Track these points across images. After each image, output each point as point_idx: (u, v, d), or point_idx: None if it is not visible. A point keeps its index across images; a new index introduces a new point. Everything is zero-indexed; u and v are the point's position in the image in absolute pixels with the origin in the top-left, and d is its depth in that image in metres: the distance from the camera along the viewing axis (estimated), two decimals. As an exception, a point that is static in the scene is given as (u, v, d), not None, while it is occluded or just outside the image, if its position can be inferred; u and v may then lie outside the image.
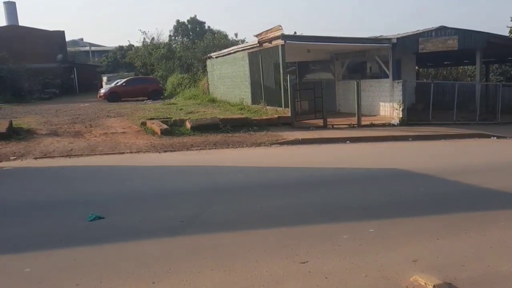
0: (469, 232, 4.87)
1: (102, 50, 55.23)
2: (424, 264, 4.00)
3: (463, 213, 5.60)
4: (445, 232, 4.82)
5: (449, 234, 4.79)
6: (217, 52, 24.49)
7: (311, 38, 16.12)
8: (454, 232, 4.85)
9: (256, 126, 13.62)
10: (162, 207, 5.72)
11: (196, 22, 36.50)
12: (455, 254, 4.23)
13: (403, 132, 13.46)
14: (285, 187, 7.15)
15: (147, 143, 11.44)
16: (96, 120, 15.86)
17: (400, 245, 4.50)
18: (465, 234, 4.81)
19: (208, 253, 4.39)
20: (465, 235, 4.78)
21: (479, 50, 16.49)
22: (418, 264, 3.99)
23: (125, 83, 29.46)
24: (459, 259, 4.10)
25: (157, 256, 4.35)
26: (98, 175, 8.49)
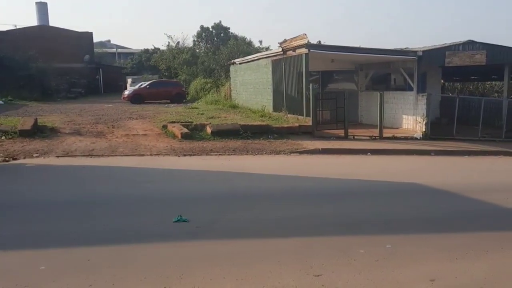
0: (490, 253, 4.72)
1: (128, 52, 56.20)
2: (441, 284, 3.89)
3: (484, 232, 5.44)
4: (464, 252, 4.69)
5: (469, 254, 4.66)
6: (241, 59, 24.62)
7: (335, 48, 16.02)
8: (474, 252, 4.71)
9: (276, 134, 13.59)
10: (178, 211, 5.73)
11: (221, 28, 36.75)
12: (474, 275, 4.10)
13: (426, 146, 13.22)
14: (303, 197, 7.09)
15: (167, 146, 11.54)
16: (118, 121, 16.10)
17: (417, 263, 4.40)
18: (485, 255, 4.66)
19: (221, 260, 4.37)
20: (485, 256, 4.63)
21: (507, 65, 16.12)
22: (435, 284, 3.88)
23: (149, 85, 29.86)
24: (477, 281, 3.98)
25: (170, 260, 4.36)
26: (117, 176, 8.59)
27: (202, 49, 36.24)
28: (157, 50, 43.23)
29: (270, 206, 6.46)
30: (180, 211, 5.76)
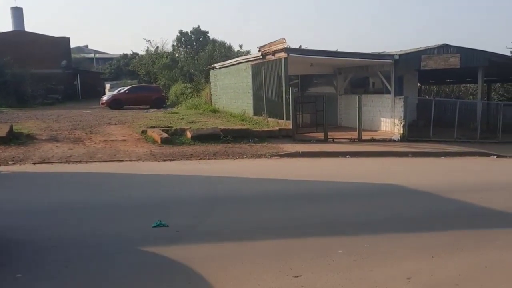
0: (465, 250, 4.84)
1: (106, 57, 55.59)
2: (418, 281, 3.97)
3: (459, 231, 5.57)
4: (440, 250, 4.79)
5: (444, 252, 4.76)
6: (221, 63, 24.63)
7: (314, 52, 16.21)
8: (450, 250, 4.82)
9: (257, 138, 13.63)
10: (158, 217, 5.69)
11: (200, 32, 36.67)
12: (450, 273, 4.20)
13: (403, 148, 13.46)
14: (283, 199, 7.13)
15: (146, 152, 11.45)
16: (96, 127, 15.90)
17: (395, 262, 4.47)
18: (460, 252, 4.78)
19: (201, 264, 4.36)
20: (460, 253, 4.75)
21: (481, 68, 16.56)
22: (412, 282, 3.96)
23: (128, 90, 29.59)
24: (453, 278, 4.07)
25: (150, 266, 4.33)
26: (95, 182, 8.48)
27: (181, 54, 36.07)
28: (136, 55, 42.86)
29: (251, 209, 6.47)
30: (160, 216, 5.73)
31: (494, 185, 8.80)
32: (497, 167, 11.98)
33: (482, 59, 16.16)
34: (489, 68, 16.64)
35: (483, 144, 15.32)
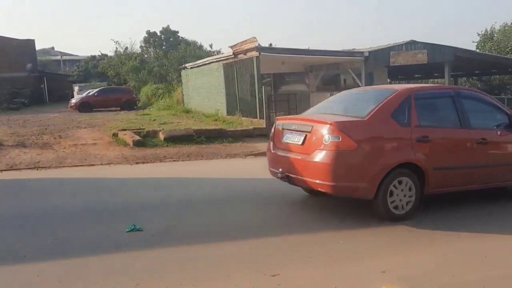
0: (437, 242, 4.95)
1: (74, 59, 54.28)
2: (392, 275, 4.04)
3: (432, 224, 5.68)
4: (413, 243, 4.90)
5: (417, 245, 4.87)
6: (192, 63, 24.46)
7: (285, 50, 16.31)
8: (423, 243, 4.93)
9: (231, 137, 13.59)
10: (132, 221, 5.60)
11: (170, 32, 36.29)
12: (423, 265, 4.29)
13: (375, 143, 13.67)
14: (259, 198, 7.12)
15: (118, 155, 11.25)
16: (65, 131, 15.52)
17: (369, 256, 4.54)
18: (432, 244, 4.89)
19: (178, 267, 4.32)
20: (432, 245, 4.86)
21: (447, 63, 17.04)
22: (386, 275, 4.03)
23: (97, 93, 29.01)
24: (426, 270, 4.17)
25: (124, 271, 4.25)
26: (66, 187, 8.27)
27: (151, 55, 35.62)
28: (104, 56, 42.09)
29: (226, 210, 6.44)
30: (134, 220, 5.63)
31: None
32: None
33: (448, 54, 16.63)
34: (455, 63, 17.12)
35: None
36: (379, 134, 5.54)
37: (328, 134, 5.35)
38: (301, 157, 5.70)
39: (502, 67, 21.41)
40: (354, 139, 5.29)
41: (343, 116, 5.86)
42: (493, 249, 4.73)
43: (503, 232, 5.32)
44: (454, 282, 3.90)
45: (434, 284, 3.85)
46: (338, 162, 5.29)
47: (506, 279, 3.95)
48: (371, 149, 5.42)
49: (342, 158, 5.28)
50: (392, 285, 3.74)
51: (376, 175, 5.33)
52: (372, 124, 5.51)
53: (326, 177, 5.37)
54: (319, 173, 5.43)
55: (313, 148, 5.52)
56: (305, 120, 6.10)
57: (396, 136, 5.56)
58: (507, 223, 5.75)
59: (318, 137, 5.50)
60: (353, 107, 6.35)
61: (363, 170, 5.35)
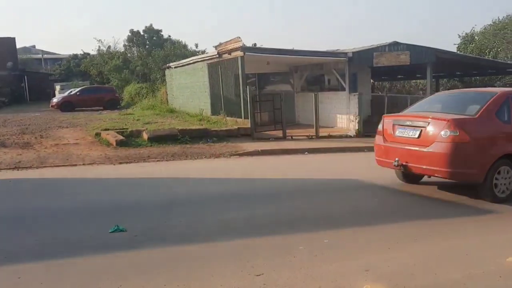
0: (419, 240, 5.02)
1: (56, 57, 53.43)
2: (375, 273, 4.08)
3: (413, 222, 5.78)
4: (396, 242, 4.96)
5: (400, 243, 4.93)
6: (176, 62, 24.31)
7: (270, 50, 16.31)
8: (405, 241, 4.99)
9: (215, 137, 13.56)
10: (115, 221, 5.54)
11: (153, 31, 35.96)
12: (405, 263, 4.34)
13: (359, 143, 13.80)
14: (244, 198, 7.13)
15: (101, 155, 11.11)
16: (47, 130, 15.28)
17: (353, 255, 4.58)
18: (414, 243, 4.96)
19: (162, 267, 4.28)
20: (414, 244, 4.93)
21: (429, 65, 17.24)
22: (370, 274, 4.06)
23: (80, 92, 28.63)
24: (408, 268, 4.22)
25: (107, 272, 4.20)
26: (48, 188, 8.15)
27: (134, 54, 35.27)
28: (87, 55, 41.53)
29: (211, 210, 6.43)
30: (117, 221, 5.58)
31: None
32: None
33: (430, 56, 16.84)
34: (437, 64, 17.36)
35: (433, 137, 15.96)
36: (487, 130, 6.62)
37: (446, 129, 6.40)
38: (418, 149, 6.74)
39: (482, 68, 21.81)
40: (468, 133, 6.37)
41: (452, 114, 6.76)
42: (474, 246, 4.82)
43: (482, 230, 5.42)
44: (437, 280, 3.96)
45: (417, 283, 3.90)
46: (455, 153, 6.33)
47: (487, 277, 4.03)
48: (481, 142, 6.49)
49: (458, 149, 6.33)
50: (375, 284, 3.78)
51: (485, 163, 6.43)
52: (481, 121, 6.57)
53: (444, 165, 6.43)
54: (437, 162, 6.49)
55: (430, 141, 6.58)
56: (420, 117, 7.02)
57: (500, 131, 6.65)
58: (486, 221, 5.86)
59: (435, 132, 6.55)
60: (455, 107, 7.34)
61: (474, 159, 6.42)
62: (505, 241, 5.01)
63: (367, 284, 3.78)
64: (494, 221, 5.87)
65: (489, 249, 4.74)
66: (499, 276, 4.02)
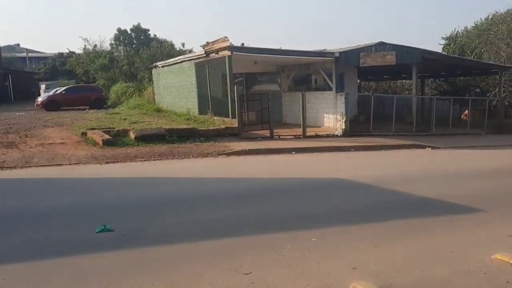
0: (405, 239, 5.09)
1: (41, 56, 52.65)
2: (363, 271, 4.12)
3: (400, 220, 5.85)
4: (383, 240, 5.01)
5: (386, 241, 4.98)
6: (163, 62, 24.18)
7: (257, 50, 16.32)
8: (391, 239, 5.05)
9: (203, 137, 13.53)
10: (102, 221, 5.49)
11: (140, 30, 35.67)
12: (392, 261, 4.40)
13: (346, 143, 13.91)
14: (231, 198, 7.13)
15: (87, 154, 11.01)
16: (32, 130, 15.07)
17: (341, 253, 4.62)
18: (401, 241, 5.02)
19: (149, 267, 4.27)
20: (401, 242, 4.99)
21: (415, 65, 17.44)
22: (357, 271, 4.10)
23: (65, 91, 28.27)
24: (395, 265, 4.27)
25: (94, 272, 4.17)
26: (33, 188, 8.04)
27: (121, 53, 34.95)
28: (72, 53, 41.03)
29: (198, 210, 6.42)
30: (104, 221, 5.53)
31: (430, 175, 9.32)
32: (432, 158, 12.69)
33: (416, 56, 17.04)
34: (422, 64, 17.57)
35: (419, 136, 16.20)
36: None
37: None
38: None
39: (465, 68, 22.13)
40: None
41: None
42: (459, 244, 4.89)
43: (467, 227, 5.52)
44: (423, 278, 4.02)
45: (404, 280, 3.95)
46: None
47: (472, 274, 4.10)
48: None
49: None
50: (363, 281, 3.82)
51: None
52: None
53: None
54: None
55: None
56: None
57: None
58: (470, 219, 5.96)
59: None
60: None
61: None
62: (489, 239, 5.10)
63: (355, 282, 3.82)
64: (479, 219, 5.97)
65: (474, 247, 4.82)
66: (484, 273, 4.09)
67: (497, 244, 4.82)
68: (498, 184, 8.39)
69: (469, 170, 10.13)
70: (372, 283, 3.77)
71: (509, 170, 10.16)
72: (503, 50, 24.75)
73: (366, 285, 3.72)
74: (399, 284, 3.86)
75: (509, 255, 4.38)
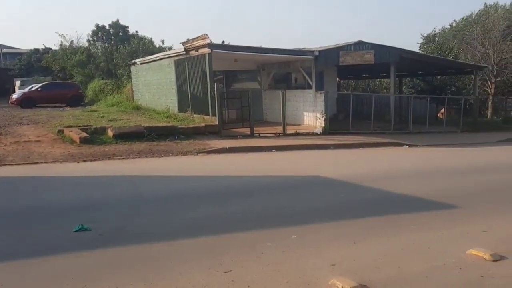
0: (383, 235, 5.16)
1: (15, 52, 51.29)
2: (342, 267, 4.16)
3: (378, 217, 5.92)
4: (361, 237, 5.07)
5: (365, 238, 5.04)
6: (142, 59, 23.89)
7: (237, 47, 16.27)
8: (370, 236, 5.11)
9: (182, 135, 13.43)
10: (79, 221, 5.40)
11: (119, 27, 35.13)
12: (370, 257, 4.45)
13: (325, 141, 14.02)
14: (211, 196, 7.11)
15: (64, 152, 10.80)
16: (6, 127, 14.70)
17: (320, 250, 4.65)
18: (379, 237, 5.09)
19: (128, 267, 4.21)
20: (379, 238, 5.05)
21: (393, 64, 17.69)
22: (336, 268, 4.14)
23: (41, 88, 27.64)
24: (373, 262, 4.33)
25: (71, 272, 4.10)
26: (7, 187, 7.84)
27: (98, 49, 34.33)
28: (48, 50, 40.12)
29: (178, 208, 6.37)
30: (82, 220, 5.44)
31: (407, 172, 9.48)
32: (409, 155, 12.91)
33: (394, 55, 17.28)
34: (400, 63, 17.83)
35: (397, 134, 16.44)
36: None
37: None
38: None
39: (442, 68, 22.56)
40: None
41: None
42: (435, 240, 4.98)
43: (443, 224, 5.62)
44: (401, 273, 4.08)
45: (382, 276, 4.01)
46: None
47: (447, 269, 4.18)
48: None
49: None
50: (342, 278, 3.85)
51: None
52: None
53: None
54: None
55: None
56: None
57: None
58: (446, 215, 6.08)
59: None
60: None
61: None
62: (464, 235, 5.22)
63: (334, 279, 3.85)
64: (454, 215, 6.09)
65: (450, 243, 4.92)
66: (459, 268, 4.18)
67: (472, 240, 4.93)
68: (473, 181, 8.59)
69: (445, 167, 10.34)
70: (351, 280, 3.81)
71: (485, 167, 10.41)
72: (478, 50, 25.33)
73: (345, 282, 3.75)
74: (377, 280, 3.90)
75: (483, 250, 4.49)
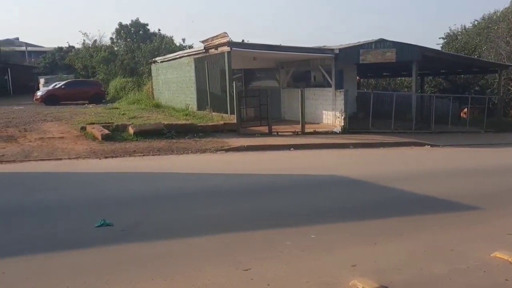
0: (404, 236, 5.09)
1: (40, 50, 52.37)
2: (362, 268, 4.12)
3: (399, 218, 5.85)
4: (382, 237, 5.01)
5: (385, 238, 4.98)
6: (162, 57, 24.11)
7: (257, 46, 16.27)
8: (391, 237, 5.05)
9: (201, 133, 13.51)
10: (102, 216, 5.49)
11: (139, 25, 35.54)
12: (391, 258, 4.40)
13: (344, 140, 13.90)
14: (229, 194, 7.13)
15: (86, 149, 10.98)
16: (31, 124, 15.02)
17: (340, 250, 4.62)
18: (400, 238, 5.02)
19: (149, 262, 4.26)
20: (400, 239, 4.99)
21: (415, 62, 17.40)
22: (357, 269, 4.10)
23: (65, 85, 28.18)
24: (395, 263, 4.27)
25: (94, 267, 4.16)
26: (32, 182, 8.02)
27: (121, 47, 34.81)
28: (72, 48, 40.87)
29: (197, 205, 6.42)
30: (104, 215, 5.52)
31: (429, 172, 9.33)
32: (431, 156, 12.70)
33: (415, 54, 17.00)
34: (422, 62, 17.54)
35: (418, 134, 16.20)
36: None
37: None
38: None
39: (466, 67, 22.10)
40: None
41: None
42: (458, 241, 4.90)
43: (466, 224, 5.52)
44: (423, 275, 4.02)
45: (403, 277, 3.96)
46: None
47: (471, 272, 4.10)
48: None
49: None
50: (362, 279, 3.82)
51: None
52: None
53: None
54: None
55: None
56: None
57: None
58: (469, 216, 5.97)
59: None
60: None
61: None
62: (488, 236, 5.11)
63: (354, 279, 3.82)
64: (477, 216, 5.98)
65: (473, 244, 4.83)
66: (483, 271, 4.10)
67: (497, 242, 4.82)
68: (497, 182, 8.41)
69: (468, 168, 10.15)
70: (372, 281, 3.77)
71: (508, 168, 10.17)
72: (503, 48, 24.72)
73: (366, 283, 3.72)
74: (398, 281, 3.86)
75: (508, 253, 4.39)
